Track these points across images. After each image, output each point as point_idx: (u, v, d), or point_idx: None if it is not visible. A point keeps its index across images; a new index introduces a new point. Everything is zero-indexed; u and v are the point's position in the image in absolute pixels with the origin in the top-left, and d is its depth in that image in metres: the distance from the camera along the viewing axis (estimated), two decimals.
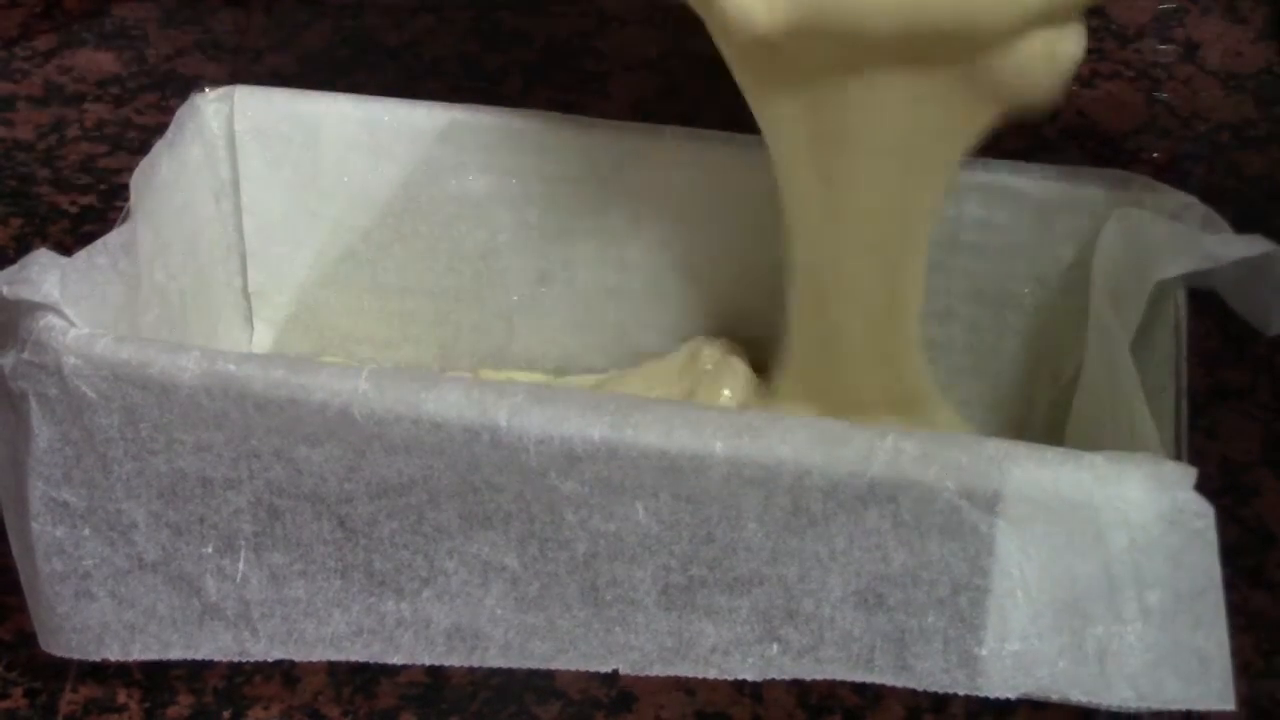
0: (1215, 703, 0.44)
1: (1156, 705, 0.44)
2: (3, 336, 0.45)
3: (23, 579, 0.46)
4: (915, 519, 0.43)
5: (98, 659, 0.46)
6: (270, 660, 0.46)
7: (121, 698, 0.47)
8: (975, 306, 0.55)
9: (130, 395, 0.44)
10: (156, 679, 0.48)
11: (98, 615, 0.46)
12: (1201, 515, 0.42)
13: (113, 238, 0.48)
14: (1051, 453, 0.43)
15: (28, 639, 0.48)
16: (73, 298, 0.45)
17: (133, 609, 0.46)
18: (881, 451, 0.43)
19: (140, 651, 0.46)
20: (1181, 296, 0.49)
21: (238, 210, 0.56)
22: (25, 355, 0.44)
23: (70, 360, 0.44)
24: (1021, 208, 0.53)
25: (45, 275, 0.45)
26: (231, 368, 0.43)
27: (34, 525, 0.45)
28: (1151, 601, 0.43)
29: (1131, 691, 0.44)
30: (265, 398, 0.43)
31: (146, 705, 0.47)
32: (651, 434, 0.43)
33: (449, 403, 0.43)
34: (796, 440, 0.43)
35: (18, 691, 0.47)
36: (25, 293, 0.44)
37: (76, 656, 0.46)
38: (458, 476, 0.44)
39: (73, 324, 0.44)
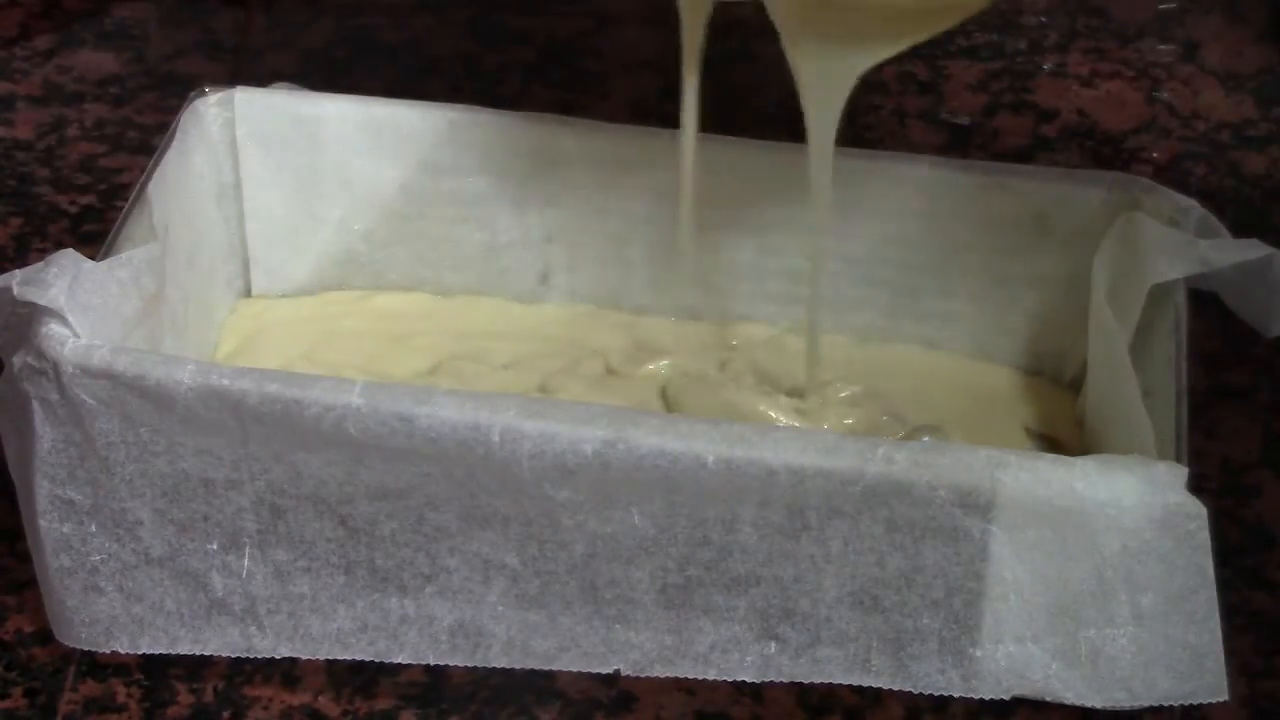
0: (1208, 696, 0.44)
1: (1149, 703, 0.44)
2: (19, 333, 0.45)
3: (36, 572, 0.46)
4: (910, 525, 0.43)
5: (107, 651, 0.47)
6: (277, 657, 0.46)
7: (121, 697, 0.47)
8: (976, 307, 0.55)
9: (129, 403, 0.44)
10: (156, 678, 0.48)
11: (106, 609, 0.46)
12: (1193, 517, 0.42)
13: (140, 254, 0.48)
14: (1043, 459, 0.43)
15: (27, 639, 0.48)
16: (81, 306, 0.45)
17: (140, 603, 0.46)
18: (874, 460, 0.43)
19: (149, 645, 0.46)
20: (1182, 297, 0.49)
21: (240, 213, 0.56)
22: (29, 359, 0.44)
23: (68, 368, 0.44)
24: (1022, 208, 0.53)
25: (58, 280, 0.45)
26: (226, 382, 0.43)
27: (41, 523, 0.45)
28: (1144, 604, 0.43)
29: (1124, 692, 0.44)
30: (261, 410, 0.43)
31: (146, 705, 0.47)
32: (644, 446, 0.43)
33: (442, 418, 0.43)
34: (789, 451, 0.43)
35: (17, 691, 0.47)
36: (32, 295, 0.44)
37: (87, 648, 0.47)
38: (454, 483, 0.44)
39: (75, 333, 0.44)
